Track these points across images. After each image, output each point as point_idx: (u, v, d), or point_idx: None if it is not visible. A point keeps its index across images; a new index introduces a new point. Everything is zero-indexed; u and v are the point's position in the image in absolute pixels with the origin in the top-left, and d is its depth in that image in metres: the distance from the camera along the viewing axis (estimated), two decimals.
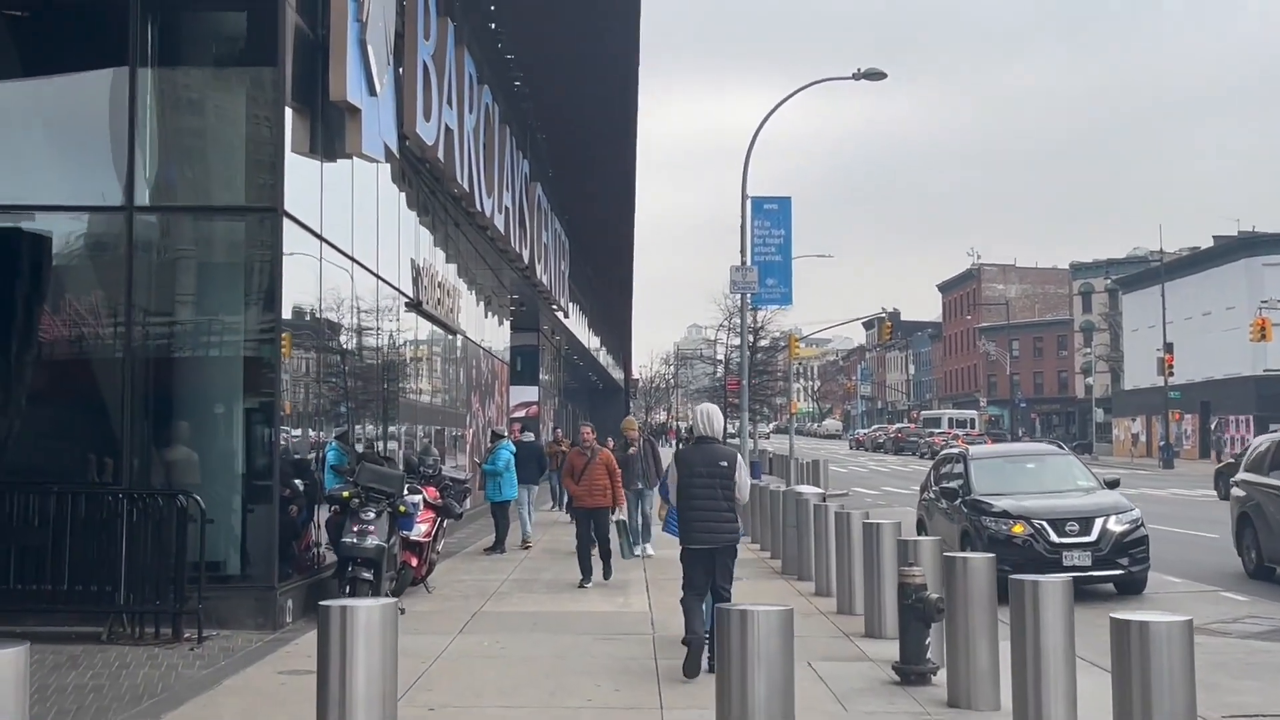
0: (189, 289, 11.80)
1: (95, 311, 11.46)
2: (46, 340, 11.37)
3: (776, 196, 30.94)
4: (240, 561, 11.45)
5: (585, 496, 15.23)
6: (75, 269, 11.71)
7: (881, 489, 42.13)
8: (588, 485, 15.20)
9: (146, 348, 11.33)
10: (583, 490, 15.24)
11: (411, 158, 18.10)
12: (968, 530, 15.18)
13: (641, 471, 18.52)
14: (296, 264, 11.99)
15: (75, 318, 11.53)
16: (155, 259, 11.51)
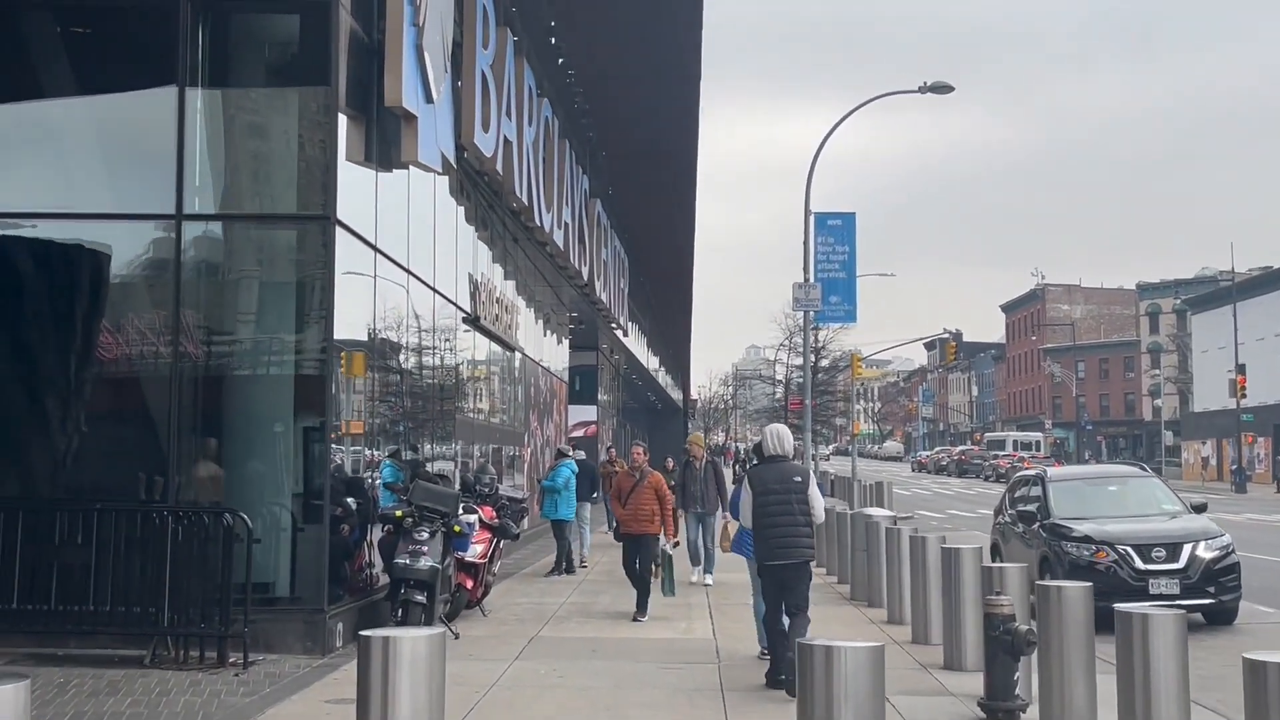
0: (238, 300, 11.43)
1: (142, 323, 11.13)
2: (96, 356, 11.05)
3: (840, 212, 30.33)
4: (289, 583, 11.03)
5: (630, 521, 14.24)
6: (121, 279, 11.38)
7: (947, 512, 41.20)
8: (633, 510, 14.18)
9: (194, 361, 10.97)
10: (628, 515, 14.25)
11: (469, 170, 17.73)
12: (1047, 556, 14.46)
13: (702, 494, 17.17)
14: (350, 275, 11.60)
15: (121, 330, 11.19)
16: (204, 269, 11.17)
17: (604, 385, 43.30)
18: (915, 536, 12.35)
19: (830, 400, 65.15)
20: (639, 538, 14.09)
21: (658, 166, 31.62)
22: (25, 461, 11.13)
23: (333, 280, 10.86)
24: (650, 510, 14.06)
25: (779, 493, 9.61)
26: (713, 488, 17.22)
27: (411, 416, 15.09)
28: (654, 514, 14.05)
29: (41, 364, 11.14)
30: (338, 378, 11.43)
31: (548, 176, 21.61)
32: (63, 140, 11.42)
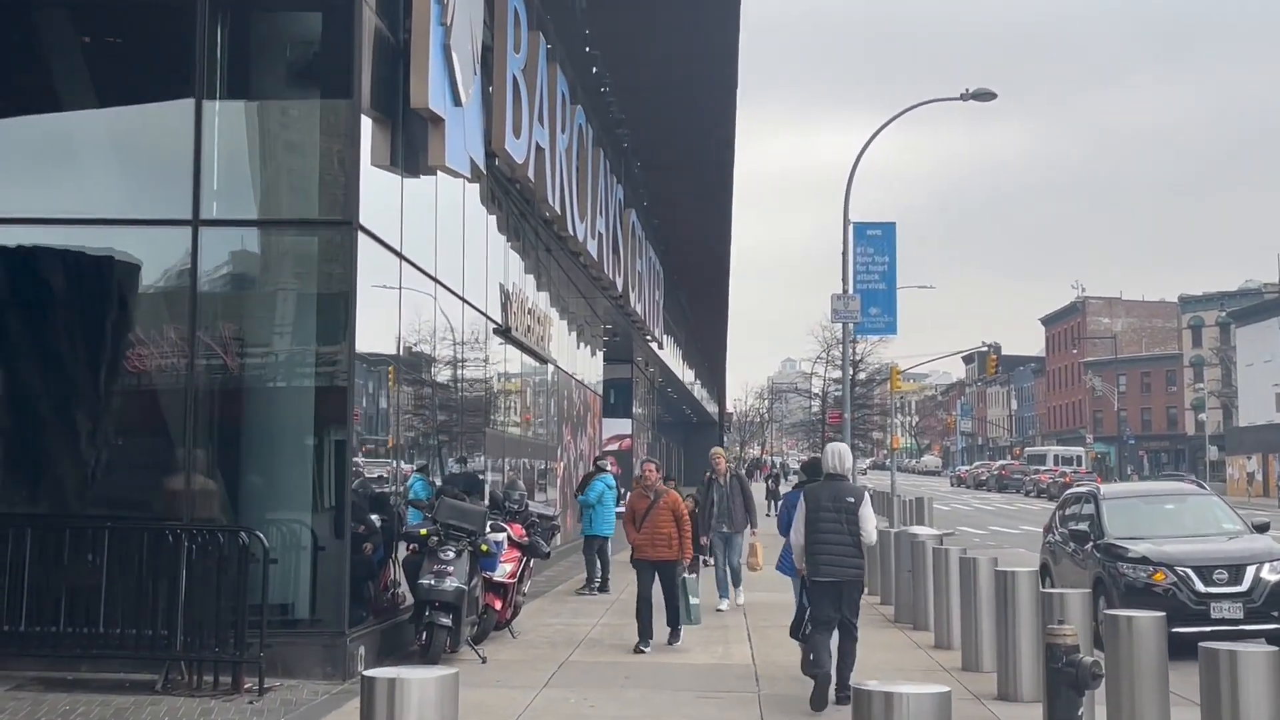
0: (257, 310, 10.99)
1: (156, 334, 10.70)
2: (108, 368, 10.64)
3: (880, 222, 29.74)
4: (309, 604, 10.55)
5: (647, 547, 12.69)
6: (135, 288, 10.96)
7: (988, 528, 40.40)
8: (649, 534, 12.64)
9: (211, 372, 10.53)
10: (644, 539, 12.69)
11: (500, 177, 17.29)
12: (1101, 577, 13.80)
13: (728, 512, 16.06)
14: (374, 283, 11.16)
15: (134, 341, 10.77)
16: (221, 277, 10.73)
17: (639, 398, 42.77)
18: (966, 558, 11.75)
19: (868, 414, 64.32)
20: (658, 564, 12.67)
21: (693, 176, 31.11)
22: (33, 478, 10.72)
23: (355, 288, 10.39)
24: (668, 534, 12.61)
25: (831, 510, 9.83)
26: (739, 504, 16.18)
27: (439, 430, 14.64)
28: (672, 537, 12.60)
29: (50, 376, 10.73)
30: (363, 390, 10.98)
31: (581, 185, 21.13)
32: (75, 143, 11.03)
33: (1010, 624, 10.03)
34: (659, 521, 12.66)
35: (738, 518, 16.10)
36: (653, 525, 12.66)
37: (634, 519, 12.85)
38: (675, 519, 12.66)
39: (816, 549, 9.77)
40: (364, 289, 10.69)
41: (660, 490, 12.93)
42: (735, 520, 16.10)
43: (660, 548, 12.64)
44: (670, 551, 12.63)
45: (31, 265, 10.88)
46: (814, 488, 10.33)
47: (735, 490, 16.21)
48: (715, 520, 15.98)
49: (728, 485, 16.22)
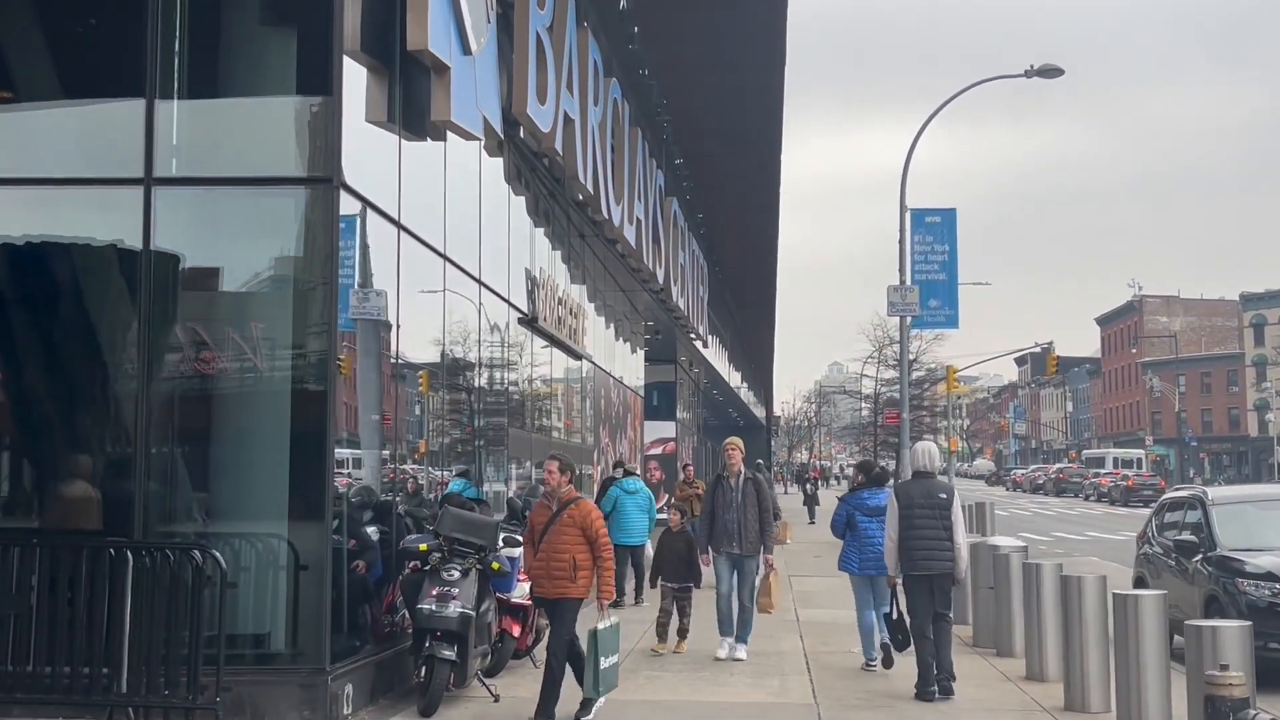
0: (221, 285, 9.33)
1: (102, 313, 9.08)
2: (44, 357, 9.03)
3: (939, 208, 27.79)
4: (287, 634, 8.89)
5: (542, 578, 8.99)
6: (76, 259, 9.32)
7: (1052, 534, 38.29)
8: (545, 560, 8.93)
9: (166, 359, 8.90)
10: (538, 568, 8.99)
11: (526, 152, 15.64)
12: (1216, 595, 11.92)
13: (739, 527, 11.98)
14: (360, 253, 9.50)
15: (75, 322, 9.15)
16: (179, 246, 9.06)
17: (683, 400, 41.00)
18: (1069, 576, 9.89)
19: (921, 415, 62.17)
20: (552, 604, 9.04)
21: (738, 165, 29.38)
22: None
23: (336, 257, 8.73)
24: (568, 561, 8.84)
25: (924, 507, 10.20)
26: (752, 516, 11.97)
27: (452, 430, 12.98)
28: (579, 567, 8.89)
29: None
30: (351, 381, 9.32)
31: (617, 166, 19.44)
32: (7, 86, 9.42)
33: (1134, 660, 8.22)
34: (559, 543, 8.88)
35: (750, 535, 11.98)
36: (550, 548, 8.90)
37: (532, 538, 9.20)
38: (586, 539, 8.95)
39: (912, 544, 10.16)
40: (348, 259, 9.04)
41: (573, 498, 9.11)
42: (746, 539, 11.98)
43: (558, 579, 8.86)
44: (572, 586, 8.87)
45: None
46: (905, 485, 10.78)
47: (749, 497, 12.04)
48: (720, 536, 12.09)
49: (739, 490, 12.07)
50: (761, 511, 12.05)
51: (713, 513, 12.20)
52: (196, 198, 9.07)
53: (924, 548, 10.11)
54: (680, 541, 12.80)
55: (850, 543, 11.79)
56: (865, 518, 11.59)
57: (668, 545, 12.86)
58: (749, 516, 11.99)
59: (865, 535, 11.52)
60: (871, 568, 11.42)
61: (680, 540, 12.82)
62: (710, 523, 12.22)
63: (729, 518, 12.02)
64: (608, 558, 9.09)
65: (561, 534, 8.94)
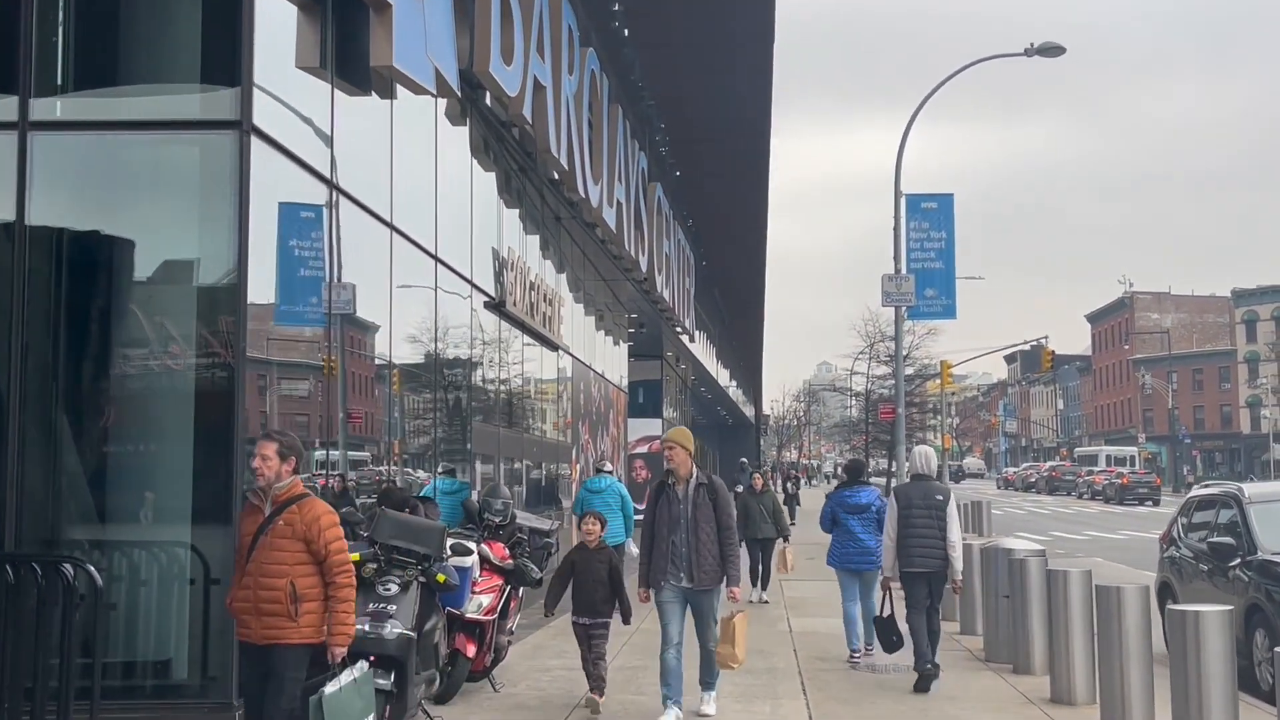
0: (112, 248, 7.93)
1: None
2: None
3: (935, 194, 26.51)
4: (193, 663, 7.54)
5: (248, 613, 6.42)
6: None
7: (1050, 534, 37.06)
8: (251, 587, 6.40)
9: (46, 338, 7.53)
10: (243, 600, 6.44)
11: (493, 121, 14.33)
12: (1259, 604, 10.62)
13: (690, 552, 8.81)
14: (284, 217, 8.17)
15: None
16: (62, 202, 7.70)
17: (669, 398, 39.72)
18: (1107, 588, 8.57)
19: (913, 412, 60.97)
20: (261, 654, 6.43)
21: (727, 151, 28.13)
22: None
23: (246, 219, 7.37)
24: (282, 588, 6.33)
25: (921, 508, 10.57)
26: (709, 536, 8.82)
27: (407, 424, 11.65)
28: (298, 598, 6.35)
29: None
30: (276, 364, 7.98)
31: (595, 143, 18.13)
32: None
33: (1193, 686, 6.91)
34: (271, 561, 6.34)
35: (706, 563, 8.80)
36: (259, 569, 6.36)
37: (240, 557, 6.58)
38: (312, 556, 6.40)
39: (910, 542, 10.52)
40: (275, 222, 7.70)
41: (286, 496, 6.45)
42: (701, 567, 8.79)
43: (268, 618, 6.32)
44: (290, 626, 6.32)
45: None
46: (904, 487, 11.06)
47: (703, 510, 8.86)
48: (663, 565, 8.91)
49: (688, 500, 8.88)
50: (721, 530, 8.87)
51: (653, 533, 8.98)
52: (82, 144, 7.69)
53: (920, 546, 10.49)
54: (598, 561, 9.42)
55: (836, 538, 12.35)
56: (846, 514, 12.23)
57: (581, 566, 9.46)
58: (703, 536, 8.81)
59: (848, 531, 12.16)
60: (852, 562, 12.10)
61: (598, 559, 9.43)
62: (650, 547, 8.99)
63: (676, 539, 8.86)
64: (344, 584, 6.41)
65: (275, 548, 6.32)
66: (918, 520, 10.50)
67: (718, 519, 8.89)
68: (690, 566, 8.83)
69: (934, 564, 10.48)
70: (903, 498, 10.68)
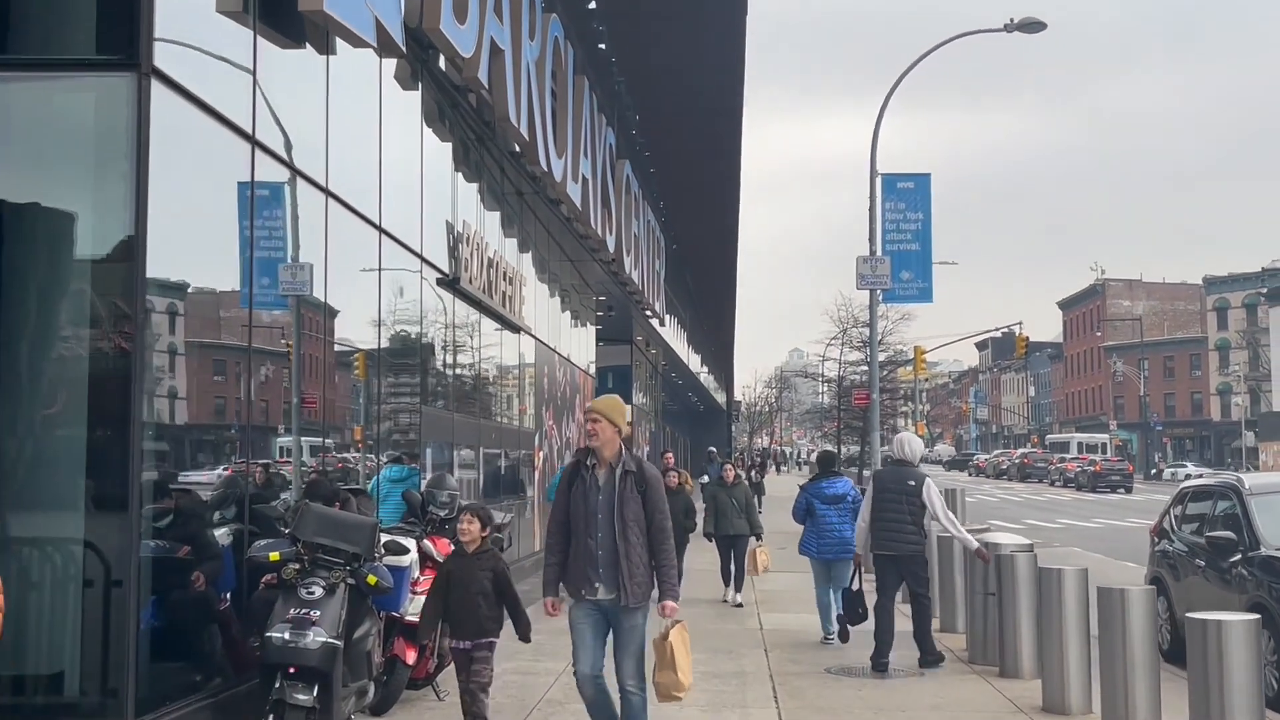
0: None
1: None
2: None
3: (912, 173, 25.74)
4: (81, 675, 6.66)
5: None
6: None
7: (1023, 522, 36.53)
8: None
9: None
10: None
11: (448, 86, 13.45)
12: (1263, 603, 9.88)
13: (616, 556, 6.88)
14: (203, 174, 7.29)
15: None
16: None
17: (640, 383, 38.90)
18: (1109, 590, 7.80)
19: (887, 399, 60.38)
20: None
21: (698, 129, 27.29)
22: None
23: (144, 174, 6.47)
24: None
25: (894, 492, 10.72)
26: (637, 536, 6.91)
27: (342, 408, 10.78)
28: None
29: None
30: (175, 341, 7.09)
31: (559, 115, 17.24)
32: None
33: (1215, 698, 6.15)
34: None
35: (634, 570, 6.87)
36: None
37: None
38: None
39: (879, 525, 10.68)
40: (166, 174, 6.80)
41: None
42: (631, 576, 6.87)
43: None
44: None
45: None
46: (881, 472, 11.41)
47: (629, 502, 6.93)
48: (578, 572, 7.02)
49: (613, 489, 6.94)
50: (653, 530, 6.91)
51: (565, 529, 7.08)
52: None
53: (888, 530, 10.61)
54: (480, 569, 7.47)
55: (810, 529, 12.42)
56: (823, 505, 12.33)
57: (459, 577, 7.48)
58: (632, 538, 6.87)
59: (823, 521, 12.27)
60: (830, 553, 12.20)
61: (479, 566, 7.48)
62: (560, 545, 7.11)
63: (593, 540, 6.93)
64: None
65: None
66: (888, 504, 10.66)
67: (648, 516, 6.92)
68: (618, 576, 6.85)
69: (902, 548, 10.56)
70: (878, 481, 10.97)
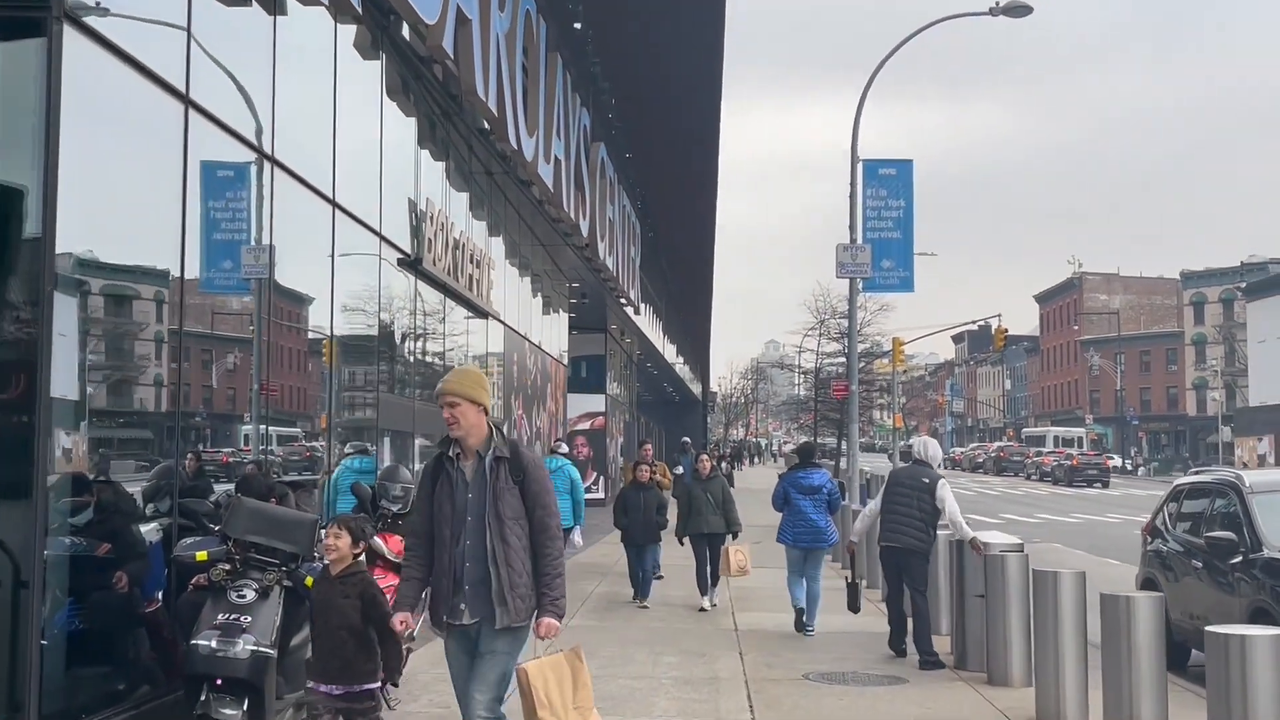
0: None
1: None
2: None
3: (894, 159, 25.18)
4: None
5: None
6: None
7: (1000, 516, 36.06)
8: None
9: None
10: None
11: (412, 58, 12.80)
12: (1266, 607, 9.34)
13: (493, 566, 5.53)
14: (109, 128, 6.62)
15: None
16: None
17: (614, 372, 38.28)
18: (1114, 596, 7.23)
19: (864, 390, 59.99)
20: None
21: (675, 115, 26.62)
22: None
23: (54, 135, 5.81)
24: None
25: (907, 487, 10.91)
26: (519, 541, 5.60)
27: (293, 391, 10.12)
28: None
29: None
30: (96, 317, 6.42)
31: (531, 92, 16.60)
32: None
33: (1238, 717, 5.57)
34: None
35: (515, 584, 5.55)
36: None
37: None
38: None
39: (886, 518, 10.90)
40: (102, 142, 6.14)
41: None
42: (514, 588, 5.56)
43: None
44: None
45: None
46: (897, 470, 11.84)
47: (505, 499, 5.62)
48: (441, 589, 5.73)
49: (485, 482, 5.65)
50: (536, 527, 5.62)
51: (430, 540, 5.73)
52: None
53: (893, 522, 10.81)
54: (342, 595, 6.15)
55: (787, 517, 12.52)
56: (799, 495, 12.42)
57: (320, 604, 6.22)
58: (510, 538, 5.56)
59: (799, 511, 12.35)
60: (804, 541, 12.32)
61: (342, 592, 6.16)
62: (422, 560, 5.77)
63: (459, 549, 5.59)
64: None
65: None
66: (899, 498, 10.88)
67: (529, 511, 5.61)
68: (489, 592, 5.52)
69: (905, 540, 10.70)
70: (893, 478, 11.26)
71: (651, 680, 9.68)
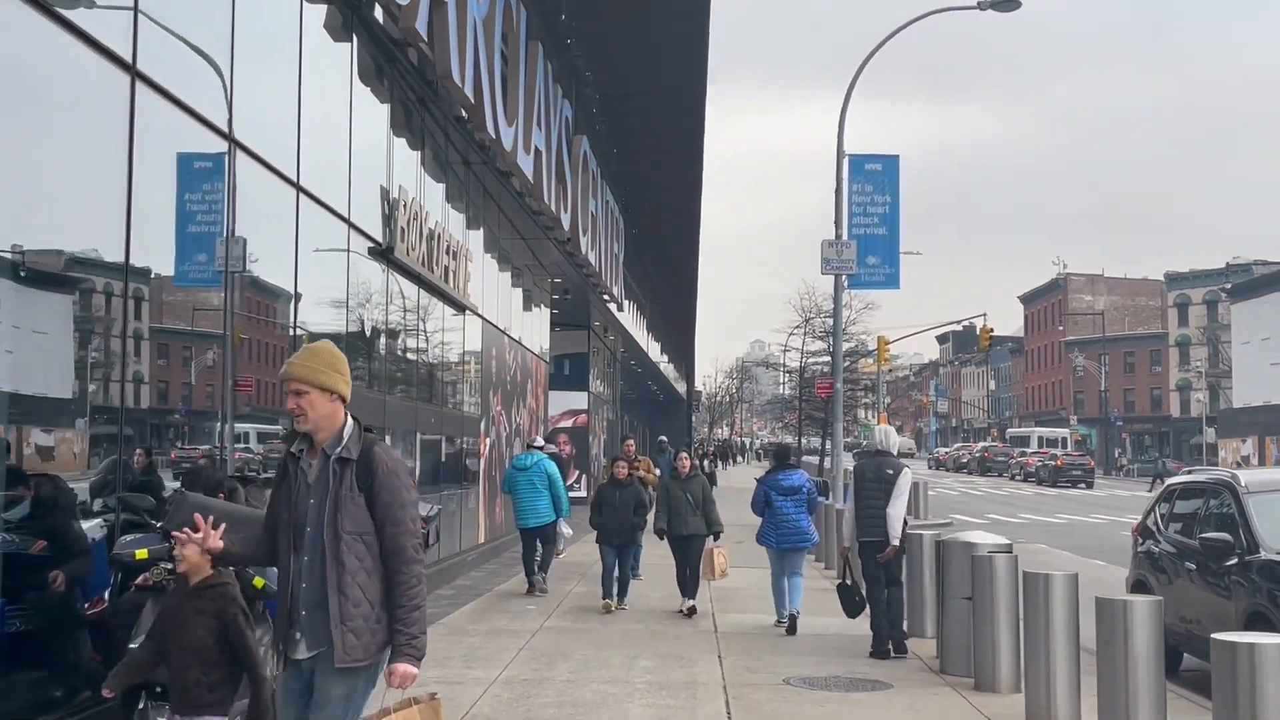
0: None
1: None
2: None
3: (880, 154, 24.83)
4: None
5: None
6: None
7: (986, 516, 35.84)
8: None
9: None
10: None
11: (386, 41, 12.43)
12: (1264, 611, 9.00)
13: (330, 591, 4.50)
14: (45, 100, 6.22)
15: None
16: None
17: (597, 370, 37.88)
18: (1110, 600, 6.88)
19: (849, 389, 59.75)
20: None
21: (659, 110, 26.28)
22: None
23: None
24: None
25: (874, 481, 10.94)
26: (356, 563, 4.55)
27: (260, 380, 9.72)
28: None
29: None
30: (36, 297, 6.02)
31: (510, 80, 16.21)
32: None
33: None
34: None
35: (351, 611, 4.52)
36: None
37: None
38: None
39: (862, 513, 10.97)
40: (37, 115, 5.74)
41: None
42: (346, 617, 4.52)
43: None
44: None
45: None
46: (861, 463, 11.57)
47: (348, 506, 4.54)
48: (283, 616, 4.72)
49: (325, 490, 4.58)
50: (387, 547, 4.58)
51: (272, 541, 4.83)
52: None
53: (869, 518, 10.86)
54: (197, 611, 5.08)
55: (768, 520, 12.48)
56: (780, 497, 12.42)
57: (173, 620, 5.12)
58: (347, 559, 4.54)
59: (780, 513, 12.34)
60: (788, 542, 12.34)
61: (196, 608, 5.09)
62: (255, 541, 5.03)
63: (299, 564, 4.62)
64: None
65: None
66: (869, 493, 10.92)
67: (379, 528, 4.58)
68: (326, 619, 4.52)
69: (880, 533, 10.78)
70: (860, 474, 11.18)
71: (626, 685, 9.30)
